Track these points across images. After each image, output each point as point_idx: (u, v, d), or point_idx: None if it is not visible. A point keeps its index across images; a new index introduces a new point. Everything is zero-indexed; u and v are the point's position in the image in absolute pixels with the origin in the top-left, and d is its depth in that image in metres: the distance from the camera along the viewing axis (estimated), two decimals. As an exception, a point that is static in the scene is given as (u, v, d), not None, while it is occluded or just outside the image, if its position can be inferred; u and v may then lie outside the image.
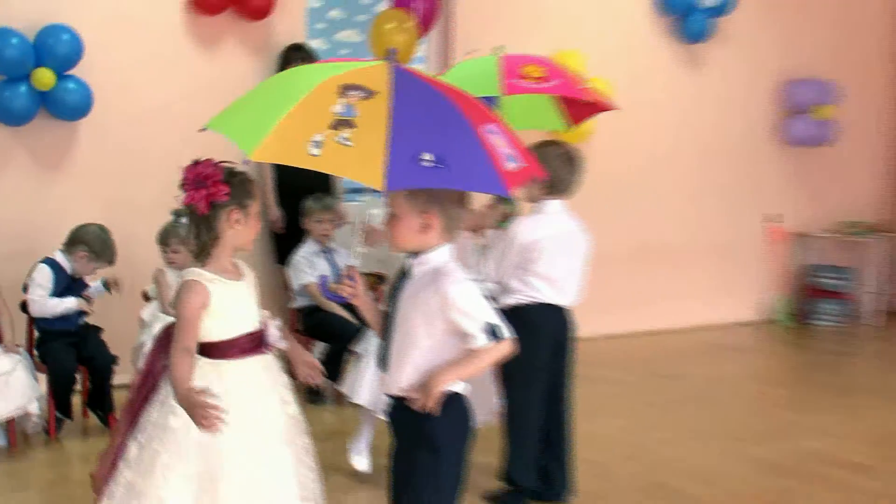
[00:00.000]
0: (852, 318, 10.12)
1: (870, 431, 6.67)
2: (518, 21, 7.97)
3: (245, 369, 3.51)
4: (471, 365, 3.36)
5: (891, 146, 10.57)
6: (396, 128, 3.06)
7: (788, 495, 5.44)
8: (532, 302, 4.94)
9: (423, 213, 3.32)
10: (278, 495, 3.53)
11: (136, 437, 3.49)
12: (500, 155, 3.25)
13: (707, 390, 7.70)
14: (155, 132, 6.82)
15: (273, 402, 3.59)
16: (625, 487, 5.44)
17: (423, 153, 3.05)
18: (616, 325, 8.80)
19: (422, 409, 3.33)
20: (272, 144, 3.08)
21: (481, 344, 3.31)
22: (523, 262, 4.90)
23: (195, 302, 3.37)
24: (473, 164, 3.19)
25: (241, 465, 3.40)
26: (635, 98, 8.09)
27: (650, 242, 9.15)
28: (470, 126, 3.25)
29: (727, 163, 9.59)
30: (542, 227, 4.91)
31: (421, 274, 3.41)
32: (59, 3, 6.53)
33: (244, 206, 3.41)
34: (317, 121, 3.06)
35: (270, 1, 7.14)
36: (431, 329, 3.36)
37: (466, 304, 3.31)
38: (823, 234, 10.14)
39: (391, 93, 3.15)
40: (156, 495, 3.39)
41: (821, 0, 9.87)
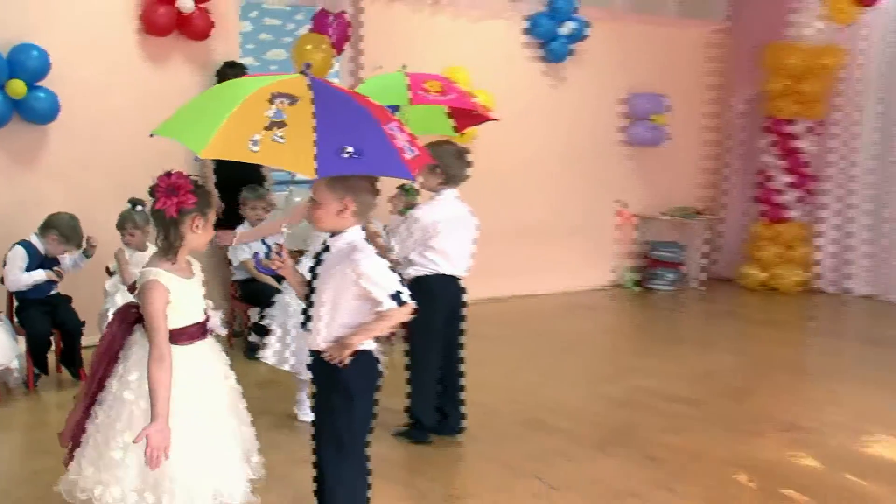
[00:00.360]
0: (682, 284, 10.31)
1: (692, 372, 6.87)
2: (414, 43, 8.01)
3: (194, 353, 3.44)
4: (379, 325, 3.42)
5: (708, 147, 10.76)
6: (320, 127, 3.13)
7: (631, 424, 5.57)
8: (431, 273, 5.01)
9: (341, 199, 3.37)
10: (225, 453, 3.49)
11: (101, 403, 3.42)
12: (402, 147, 3.34)
13: (571, 342, 7.83)
14: (112, 135, 6.78)
15: (218, 378, 3.56)
16: (507, 422, 5.52)
17: (345, 147, 3.13)
18: (499, 290, 8.86)
19: (335, 362, 3.39)
20: (218, 144, 3.09)
21: (387, 307, 3.36)
22: (424, 240, 4.95)
23: (160, 299, 3.28)
24: (384, 154, 3.26)
25: (190, 433, 3.33)
26: (511, 107, 8.21)
27: (525, 224, 9.23)
28: (378, 124, 3.33)
29: (584, 159, 9.69)
30: (438, 212, 4.97)
31: (337, 250, 3.46)
32: (30, 25, 6.46)
33: (205, 213, 3.36)
34: (254, 123, 3.11)
35: (209, 25, 7.10)
36: (345, 295, 3.40)
37: (375, 274, 3.37)
38: (660, 216, 10.28)
39: (312, 98, 3.22)
40: (110, 455, 3.34)
41: (654, 32, 10.00)
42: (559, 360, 7.22)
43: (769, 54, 9.85)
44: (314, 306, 3.50)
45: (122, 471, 3.30)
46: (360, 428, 3.58)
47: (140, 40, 7.02)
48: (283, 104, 3.19)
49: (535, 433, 5.38)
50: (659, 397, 6.14)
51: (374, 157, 3.21)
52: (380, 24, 8.21)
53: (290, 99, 3.20)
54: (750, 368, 7.12)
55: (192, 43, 7.18)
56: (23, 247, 5.86)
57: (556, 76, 9.42)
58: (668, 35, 10.14)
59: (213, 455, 3.41)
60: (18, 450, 5.17)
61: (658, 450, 5.12)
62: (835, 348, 8.06)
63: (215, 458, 3.42)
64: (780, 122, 9.98)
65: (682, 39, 10.30)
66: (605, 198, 10.00)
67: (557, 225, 9.58)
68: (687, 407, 5.95)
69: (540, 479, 4.66)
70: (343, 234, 3.47)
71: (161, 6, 6.86)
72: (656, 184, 10.30)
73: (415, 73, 5.44)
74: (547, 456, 4.99)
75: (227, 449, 3.49)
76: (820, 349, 8.09)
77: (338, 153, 3.12)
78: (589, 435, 5.35)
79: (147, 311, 3.28)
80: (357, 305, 3.43)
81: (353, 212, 3.42)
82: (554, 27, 9.06)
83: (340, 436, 3.54)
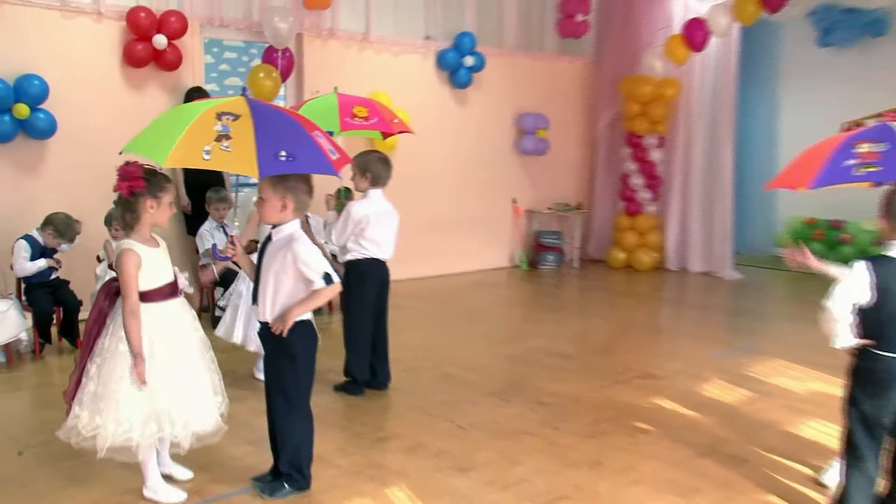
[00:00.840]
0: (562, 264, 10.34)
1: (571, 333, 6.92)
2: (346, 73, 7.92)
3: (167, 307, 3.45)
4: (313, 301, 3.42)
5: (581, 155, 10.81)
6: (259, 136, 3.18)
7: (524, 376, 5.60)
8: (363, 257, 4.98)
9: (282, 198, 3.39)
10: (198, 389, 3.51)
11: (93, 359, 3.41)
12: (327, 150, 3.39)
13: (475, 312, 7.83)
14: (100, 147, 6.46)
15: (188, 328, 3.56)
16: (424, 377, 5.52)
17: (280, 151, 3.18)
18: (417, 271, 8.81)
19: (278, 332, 3.39)
20: (176, 154, 3.16)
21: (319, 286, 3.37)
22: (357, 231, 4.92)
23: (132, 263, 3.32)
24: (313, 156, 3.31)
25: (170, 372, 3.37)
26: (425, 123, 8.17)
27: (438, 216, 9.18)
28: (306, 132, 3.37)
29: (484, 165, 9.69)
30: (368, 207, 4.94)
31: (278, 239, 3.45)
32: (33, 59, 6.40)
33: (156, 196, 3.38)
34: (205, 137, 3.16)
35: (179, 58, 7.01)
36: (285, 276, 3.40)
37: (309, 259, 3.37)
38: (544, 210, 10.29)
39: (251, 114, 3.26)
40: (113, 397, 3.34)
41: (537, 66, 10.04)
42: (466, 326, 7.22)
43: (625, 84, 9.96)
44: (261, 286, 3.49)
45: (119, 410, 3.32)
46: (304, 384, 3.57)
47: (123, 71, 6.94)
48: (228, 120, 3.23)
49: (447, 385, 5.38)
50: (545, 354, 6.17)
51: (304, 159, 3.27)
52: (318, 58, 8.14)
53: (232, 116, 3.24)
54: (615, 330, 7.21)
55: (165, 72, 7.09)
56: (25, 240, 5.81)
57: (461, 99, 9.41)
58: (548, 68, 10.19)
59: (189, 390, 3.44)
60: (29, 404, 5.11)
61: (545, 396, 5.16)
62: (678, 313, 8.24)
63: (191, 393, 3.44)
64: (635, 136, 10.10)
65: (559, 71, 10.35)
66: (502, 196, 9.98)
67: (464, 217, 9.55)
68: (567, 361, 5.99)
69: (452, 421, 4.66)
70: (284, 226, 3.46)
71: (139, 43, 6.83)
72: (541, 184, 10.32)
73: (346, 97, 5.39)
74: (457, 403, 4.99)
75: (200, 386, 3.51)
76: (667, 314, 8.25)
77: (275, 156, 3.16)
78: (490, 385, 5.36)
79: (121, 272, 3.34)
80: (295, 285, 3.41)
81: (292, 208, 3.43)
82: (459, 60, 9.06)
83: (288, 391, 3.53)
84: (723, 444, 4.37)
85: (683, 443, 4.38)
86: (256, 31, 7.62)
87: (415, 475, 3.91)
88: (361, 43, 8.46)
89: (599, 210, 10.76)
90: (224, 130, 3.21)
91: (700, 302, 8.63)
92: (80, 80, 6.69)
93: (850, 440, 3.37)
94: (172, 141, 3.17)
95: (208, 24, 7.40)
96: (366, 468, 3.99)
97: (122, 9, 6.79)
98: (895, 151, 3.20)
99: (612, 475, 3.95)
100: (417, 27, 8.89)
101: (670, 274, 9.99)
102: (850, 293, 3.21)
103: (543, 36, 10.15)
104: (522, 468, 4.01)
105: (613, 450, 4.27)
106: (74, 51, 6.67)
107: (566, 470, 4.00)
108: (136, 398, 3.32)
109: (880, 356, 3.25)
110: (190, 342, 3.53)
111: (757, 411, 4.93)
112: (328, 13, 8.11)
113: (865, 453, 3.33)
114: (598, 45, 10.59)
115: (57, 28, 6.59)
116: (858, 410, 3.32)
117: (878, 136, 3.33)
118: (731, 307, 8.34)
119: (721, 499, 3.72)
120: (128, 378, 3.31)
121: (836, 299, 3.22)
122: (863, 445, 3.33)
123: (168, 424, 3.37)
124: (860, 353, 3.32)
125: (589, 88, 10.69)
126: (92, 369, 3.39)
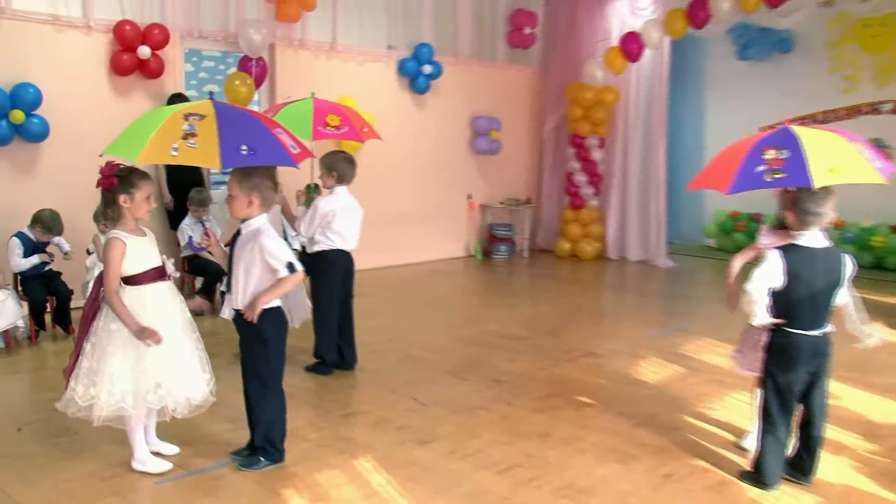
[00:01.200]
0: (514, 254, 10.33)
1: (522, 317, 6.94)
2: (315, 79, 7.79)
3: (155, 290, 3.46)
4: (278, 288, 3.40)
5: (530, 155, 10.82)
6: (222, 133, 3.21)
7: (479, 356, 5.60)
8: (330, 248, 4.96)
9: (248, 195, 3.38)
10: (187, 366, 3.51)
11: (89, 339, 3.41)
12: (288, 145, 3.42)
13: (434, 298, 7.83)
14: (90, 150, 6.17)
15: (176, 310, 3.54)
16: (388, 358, 5.51)
17: (242, 146, 3.20)
18: (380, 261, 8.76)
19: (249, 319, 3.38)
20: (148, 152, 3.19)
21: (283, 274, 3.36)
22: (325, 224, 4.90)
23: (117, 250, 3.35)
24: (273, 150, 3.33)
25: (159, 347, 3.35)
26: (387, 125, 8.05)
27: (399, 210, 9.14)
28: (267, 129, 3.39)
29: (442, 164, 9.66)
30: (335, 202, 4.91)
31: (247, 232, 3.44)
32: (28, 69, 6.37)
33: (129, 192, 3.39)
34: (174, 136, 3.20)
35: (162, 67, 6.96)
36: (253, 267, 3.38)
37: (274, 250, 3.36)
38: (497, 205, 10.29)
39: (216, 114, 3.29)
40: (107, 371, 3.35)
41: (489, 73, 10.04)
42: (426, 311, 7.20)
43: (570, 90, 10.00)
44: (233, 276, 3.47)
45: (112, 383, 3.35)
46: (276, 367, 3.56)
47: (110, 79, 6.89)
48: (195, 120, 3.26)
49: (409, 365, 5.37)
50: (499, 336, 6.18)
51: (265, 153, 3.28)
52: (289, 66, 8.06)
53: (199, 116, 3.27)
54: (562, 313, 7.24)
55: (149, 80, 7.04)
56: (18, 237, 5.74)
57: (420, 104, 9.36)
58: (499, 75, 10.19)
59: (178, 365, 3.45)
60: (27, 385, 5.04)
61: (499, 374, 5.18)
62: (618, 298, 8.32)
63: (180, 367, 3.45)
64: (579, 137, 10.15)
65: (510, 79, 10.35)
66: (458, 191, 9.97)
67: (423, 211, 9.53)
68: (519, 342, 6.01)
69: (414, 398, 4.66)
70: (251, 220, 3.44)
71: (125, 54, 6.79)
72: (494, 181, 10.32)
73: (321, 103, 5.34)
74: (418, 381, 4.98)
75: (188, 361, 3.52)
76: (609, 298, 8.31)
77: (237, 150, 3.19)
78: (449, 365, 5.36)
79: (105, 258, 3.37)
80: (262, 275, 3.40)
81: (258, 204, 3.41)
82: (418, 68, 9.03)
83: (261, 374, 3.52)
84: (657, 415, 4.43)
85: (623, 415, 4.44)
86: (232, 41, 7.56)
87: (380, 448, 3.90)
88: (329, 52, 8.40)
89: (547, 204, 10.80)
90: (190, 129, 3.24)
91: (638, 287, 8.72)
92: (72, 87, 6.64)
93: (765, 409, 3.46)
94: (144, 141, 3.20)
95: (188, 36, 7.35)
96: (335, 442, 3.97)
97: (110, 22, 6.77)
98: (795, 158, 3.30)
99: (559, 445, 3.98)
100: (380, 38, 8.86)
101: (611, 262, 10.06)
102: (766, 278, 3.32)
103: (495, 46, 10.17)
104: (479, 440, 4.02)
105: (561, 422, 4.30)
106: (66, 61, 6.62)
107: (518, 441, 4.02)
108: (126, 372, 3.35)
109: (791, 333, 3.36)
110: (177, 322, 3.51)
111: (688, 385, 5.00)
112: (298, 25, 8.07)
113: (778, 420, 3.43)
114: (545, 55, 10.63)
115: (50, 40, 6.54)
116: (773, 381, 3.42)
117: (781, 142, 3.42)
118: (665, 292, 8.44)
119: (656, 464, 3.77)
120: (119, 355, 3.35)
121: (755, 283, 3.33)
122: (776, 413, 3.43)
123: (156, 397, 3.39)
124: (774, 331, 3.41)
125: (537, 94, 10.72)
126: (87, 347, 3.41)
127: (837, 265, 3.37)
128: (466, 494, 3.42)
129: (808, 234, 3.34)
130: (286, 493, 3.41)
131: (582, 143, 10.13)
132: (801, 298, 3.32)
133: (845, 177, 3.29)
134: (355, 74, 8.61)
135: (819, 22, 9.77)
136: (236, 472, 3.58)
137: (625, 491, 3.48)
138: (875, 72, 9.64)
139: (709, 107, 11.15)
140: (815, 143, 3.39)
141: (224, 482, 3.50)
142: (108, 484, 3.45)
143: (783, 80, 10.17)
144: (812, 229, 3.33)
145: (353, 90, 8.31)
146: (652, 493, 3.46)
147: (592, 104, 9.87)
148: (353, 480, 3.54)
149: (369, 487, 3.47)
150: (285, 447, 3.68)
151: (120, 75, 6.85)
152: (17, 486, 3.43)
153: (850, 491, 3.52)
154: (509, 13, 10.16)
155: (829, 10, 9.29)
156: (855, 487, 3.56)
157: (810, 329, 3.37)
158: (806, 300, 3.33)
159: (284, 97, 7.48)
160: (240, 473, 3.57)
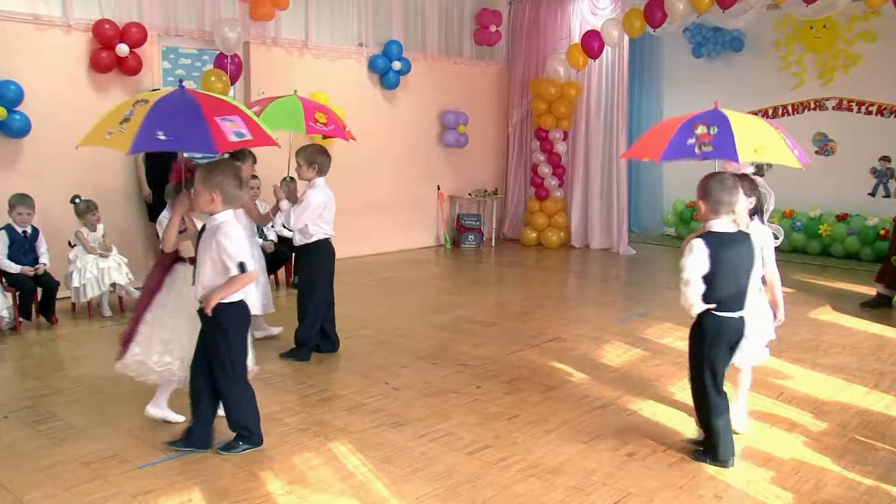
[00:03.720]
0: (481, 243, 10.33)
1: (490, 303, 6.98)
2: (288, 76, 7.74)
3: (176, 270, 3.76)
4: (230, 287, 3.38)
5: (496, 147, 10.82)
6: (146, 120, 3.27)
7: (450, 342, 5.62)
8: (324, 237, 4.98)
9: (210, 192, 3.36)
10: None
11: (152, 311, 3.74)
12: (227, 132, 3.42)
13: (407, 285, 7.81)
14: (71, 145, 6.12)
15: None
16: (364, 342, 5.51)
17: (160, 132, 3.26)
18: (356, 250, 8.74)
19: (205, 311, 3.38)
20: (89, 136, 3.31)
21: (234, 273, 3.34)
22: (317, 215, 4.89)
23: None
24: (195, 137, 3.39)
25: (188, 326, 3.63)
26: (358, 120, 8.00)
27: (374, 200, 9.10)
28: (204, 117, 3.40)
29: (412, 156, 9.63)
30: (322, 194, 4.92)
31: (210, 227, 3.42)
32: (9, 66, 6.30)
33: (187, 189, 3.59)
34: (115, 120, 3.28)
35: (140, 64, 6.91)
36: (212, 262, 3.37)
37: (229, 247, 3.33)
38: (465, 196, 10.29)
39: (155, 101, 3.33)
40: (159, 338, 3.72)
41: (457, 69, 10.02)
42: (399, 298, 7.19)
43: (534, 86, 10.01)
44: (197, 268, 3.46)
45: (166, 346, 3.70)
46: (238, 357, 3.55)
47: (89, 76, 6.81)
48: (138, 105, 3.28)
49: (383, 350, 5.36)
50: (469, 322, 6.19)
51: (184, 139, 3.37)
52: (263, 63, 7.97)
53: (143, 102, 3.29)
54: (528, 300, 7.25)
55: (127, 77, 6.96)
56: (5, 230, 5.67)
57: (390, 99, 9.32)
58: (467, 71, 10.18)
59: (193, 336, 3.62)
60: (12, 374, 4.93)
61: (469, 359, 5.19)
62: (583, 284, 8.37)
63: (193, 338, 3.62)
64: (543, 131, 10.17)
65: (477, 74, 10.34)
66: (428, 183, 9.94)
67: (395, 202, 9.49)
68: (488, 328, 6.02)
69: (387, 383, 4.66)
70: (216, 216, 3.42)
71: (104, 52, 6.70)
72: (462, 173, 10.32)
73: (306, 101, 5.28)
74: (391, 366, 4.99)
75: None
76: (573, 285, 8.35)
77: (153, 137, 3.24)
78: (421, 350, 5.37)
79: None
80: (217, 270, 3.39)
81: (220, 200, 3.39)
82: (388, 65, 8.98)
83: (223, 364, 3.51)
84: (620, 397, 4.48)
85: (587, 396, 4.48)
86: (208, 39, 7.48)
87: (355, 430, 3.90)
88: (302, 49, 8.32)
89: (513, 195, 10.82)
90: (129, 114, 3.27)
91: (601, 274, 8.77)
92: (52, 84, 6.53)
93: (704, 392, 3.52)
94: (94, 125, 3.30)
95: (165, 34, 7.25)
96: (312, 425, 3.96)
97: (89, 21, 6.68)
98: (724, 135, 3.48)
99: (527, 426, 4.01)
100: (351, 35, 8.79)
101: (575, 250, 10.12)
102: (697, 265, 3.40)
103: (462, 44, 10.14)
104: (449, 422, 4.04)
105: (528, 405, 4.33)
106: (47, 59, 6.51)
107: (487, 423, 4.04)
108: (175, 341, 3.68)
109: (718, 316, 3.45)
110: None
111: (649, 368, 5.06)
112: (272, 23, 7.98)
113: (717, 399, 3.53)
114: (510, 51, 10.64)
115: (31, 39, 6.44)
116: (710, 364, 3.50)
117: (711, 119, 3.61)
118: (627, 279, 8.51)
119: (619, 443, 3.81)
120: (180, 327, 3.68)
121: (690, 272, 3.40)
122: (713, 393, 3.50)
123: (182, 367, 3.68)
124: (704, 316, 3.48)
125: (502, 89, 10.72)
126: (148, 317, 3.70)
127: (749, 248, 3.49)
128: (438, 474, 3.43)
129: (720, 222, 3.43)
130: (264, 475, 3.40)
131: (546, 136, 10.16)
132: (727, 282, 3.41)
133: (768, 157, 3.48)
134: (327, 71, 8.53)
135: (767, 23, 9.94)
136: (216, 456, 3.56)
137: (589, 469, 3.51)
138: (819, 70, 9.89)
139: (666, 101, 11.26)
140: (743, 124, 3.60)
141: (205, 465, 3.48)
142: (91, 468, 3.44)
143: (736, 76, 10.37)
144: (722, 217, 3.43)
145: (325, 86, 8.23)
146: (616, 471, 3.50)
147: (556, 99, 9.90)
148: (330, 462, 3.54)
149: (345, 469, 3.47)
150: (262, 431, 3.67)
151: (99, 72, 6.75)
152: (4, 471, 3.39)
153: (800, 465, 3.60)
154: (476, 11, 10.14)
155: (776, 12, 9.45)
156: (805, 462, 3.64)
157: (734, 311, 3.47)
158: (731, 283, 3.42)
159: (258, 94, 7.49)
160: (220, 457, 3.55)
